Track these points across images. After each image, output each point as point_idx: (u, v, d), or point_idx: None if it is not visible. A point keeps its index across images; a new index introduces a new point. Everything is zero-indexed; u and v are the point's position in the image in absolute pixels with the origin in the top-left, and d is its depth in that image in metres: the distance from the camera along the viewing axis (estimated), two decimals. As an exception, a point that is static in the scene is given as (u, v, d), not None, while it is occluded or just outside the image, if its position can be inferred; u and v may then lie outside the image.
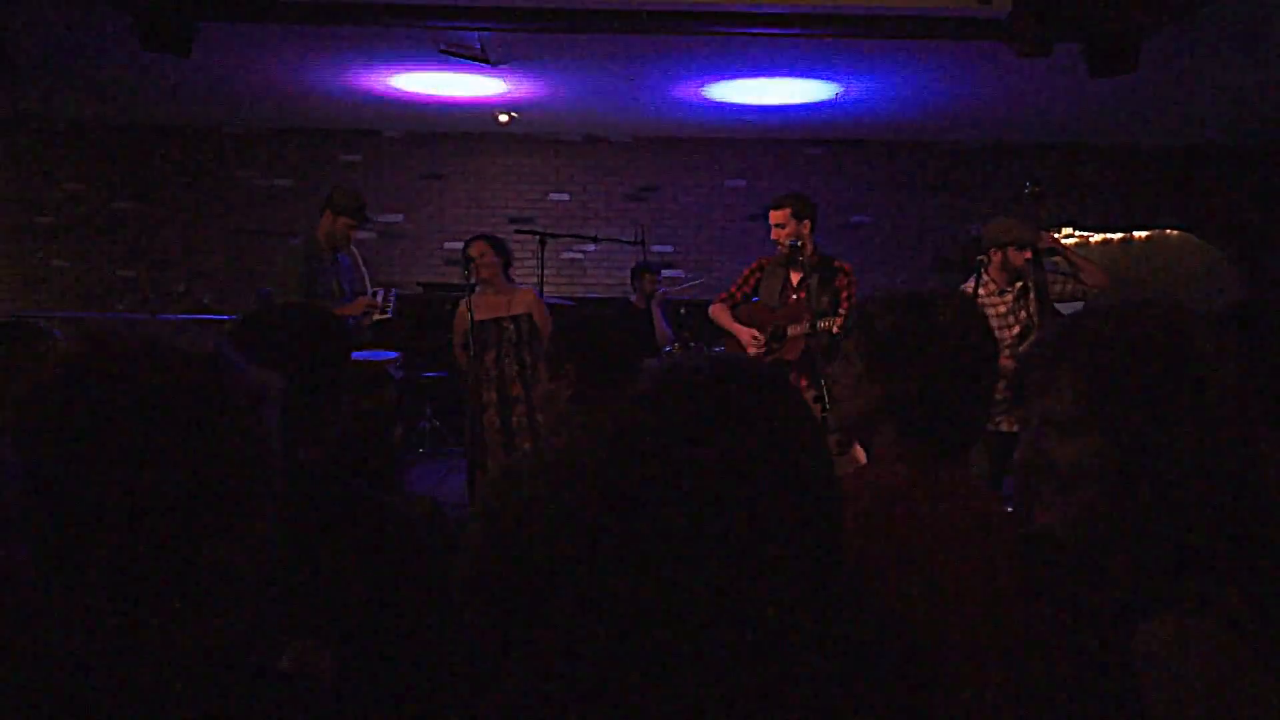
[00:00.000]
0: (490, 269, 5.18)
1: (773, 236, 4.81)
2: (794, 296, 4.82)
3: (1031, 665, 1.28)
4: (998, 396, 5.07)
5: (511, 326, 5.21)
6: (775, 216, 4.78)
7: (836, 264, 4.81)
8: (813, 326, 4.45)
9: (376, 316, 5.07)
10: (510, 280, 5.35)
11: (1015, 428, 4.42)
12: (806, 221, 4.74)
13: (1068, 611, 1.18)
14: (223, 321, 7.17)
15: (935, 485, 1.47)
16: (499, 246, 5.27)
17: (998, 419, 4.44)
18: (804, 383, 4.71)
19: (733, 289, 5.06)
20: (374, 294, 5.14)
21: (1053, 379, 1.14)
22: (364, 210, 5.07)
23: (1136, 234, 10.02)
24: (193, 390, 0.92)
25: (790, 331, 4.76)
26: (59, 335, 2.36)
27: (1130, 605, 1.07)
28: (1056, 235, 4.84)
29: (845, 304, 4.71)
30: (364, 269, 5.37)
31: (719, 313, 5.04)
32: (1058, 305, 4.57)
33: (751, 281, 4.99)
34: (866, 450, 1.61)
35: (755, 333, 4.84)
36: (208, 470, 0.91)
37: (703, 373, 1.03)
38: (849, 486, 1.34)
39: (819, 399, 3.88)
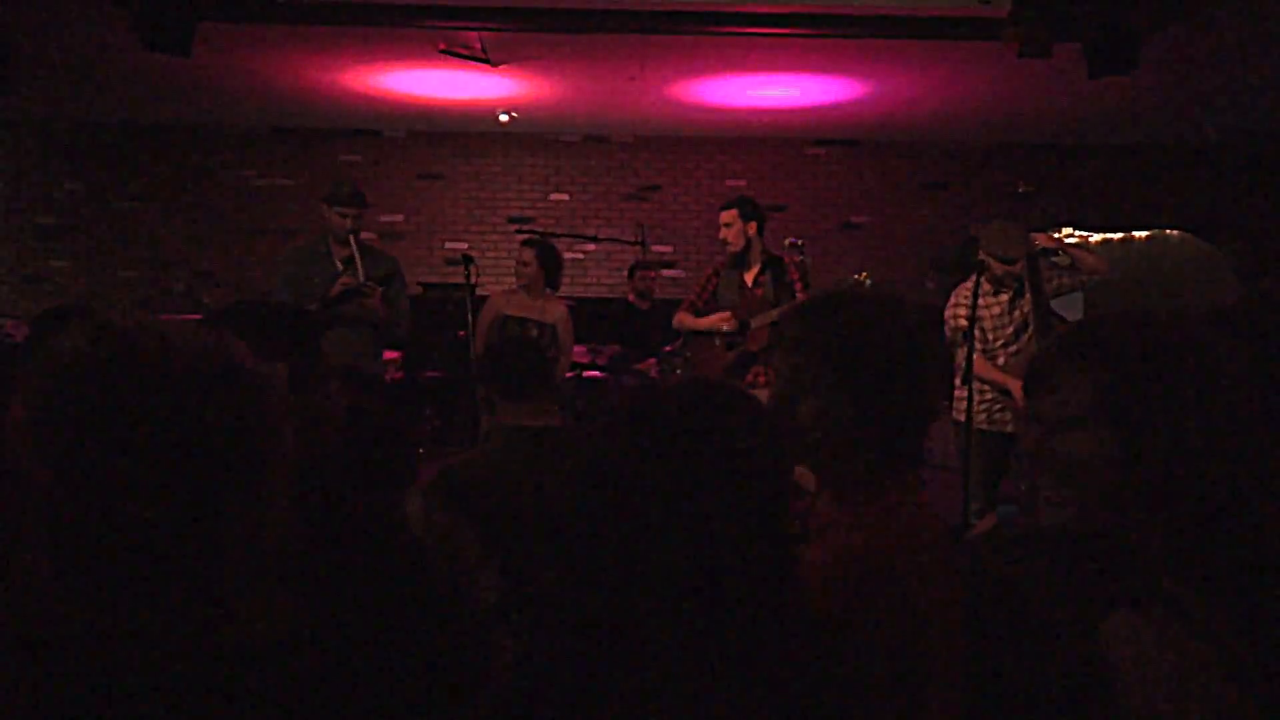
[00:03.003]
0: (527, 277, 5.25)
1: (719, 236, 4.96)
2: (751, 295, 4.94)
3: (992, 675, 1.29)
4: (988, 396, 4.95)
5: (536, 332, 5.23)
6: (723, 217, 4.94)
7: (786, 260, 4.94)
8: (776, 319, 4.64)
9: (342, 282, 4.54)
10: (551, 289, 5.36)
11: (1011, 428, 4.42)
12: (753, 223, 4.89)
13: (1025, 617, 1.21)
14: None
15: (892, 516, 1.40)
16: (546, 256, 5.26)
17: (1005, 422, 4.43)
18: (774, 374, 4.74)
19: (692, 297, 5.16)
20: (365, 283, 4.57)
21: (1065, 377, 1.19)
22: (351, 196, 4.68)
23: (1136, 234, 10.02)
24: (203, 379, 0.94)
25: (754, 324, 4.85)
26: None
27: (1093, 603, 1.12)
28: (1057, 235, 4.83)
29: (799, 285, 4.83)
30: (369, 263, 4.74)
31: (685, 320, 5.14)
32: (1056, 299, 4.56)
33: (710, 287, 5.09)
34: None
35: (725, 315, 4.92)
36: (219, 456, 0.93)
37: (673, 399, 1.07)
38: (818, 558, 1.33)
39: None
